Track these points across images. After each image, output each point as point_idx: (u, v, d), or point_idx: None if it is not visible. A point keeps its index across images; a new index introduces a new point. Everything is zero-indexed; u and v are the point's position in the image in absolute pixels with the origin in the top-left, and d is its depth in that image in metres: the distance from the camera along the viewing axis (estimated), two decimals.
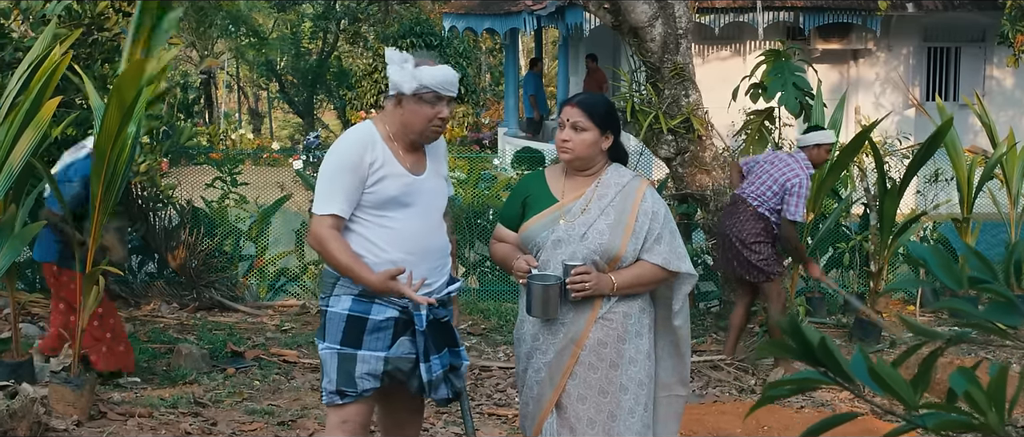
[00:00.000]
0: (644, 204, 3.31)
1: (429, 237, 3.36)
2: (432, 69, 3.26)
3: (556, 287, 3.25)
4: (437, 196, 3.44)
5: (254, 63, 28.74)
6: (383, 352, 3.30)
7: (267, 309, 7.82)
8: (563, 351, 3.32)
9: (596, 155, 3.36)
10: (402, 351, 3.33)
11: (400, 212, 3.31)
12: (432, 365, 3.35)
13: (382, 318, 3.28)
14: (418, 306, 3.26)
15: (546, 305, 3.25)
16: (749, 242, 5.98)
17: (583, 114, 3.31)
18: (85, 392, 4.88)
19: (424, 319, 3.29)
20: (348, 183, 3.25)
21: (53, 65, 4.72)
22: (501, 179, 11.83)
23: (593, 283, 3.23)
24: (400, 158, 3.32)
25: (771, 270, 6.01)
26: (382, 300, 3.27)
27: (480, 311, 7.69)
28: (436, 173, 3.44)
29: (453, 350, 3.46)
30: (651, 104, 7.10)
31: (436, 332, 3.37)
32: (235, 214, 8.70)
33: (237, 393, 5.62)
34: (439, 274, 3.40)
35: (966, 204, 7.56)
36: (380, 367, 3.30)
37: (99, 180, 4.79)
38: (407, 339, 3.33)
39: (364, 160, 3.26)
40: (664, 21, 6.99)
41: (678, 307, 3.40)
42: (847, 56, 16.04)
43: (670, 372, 3.48)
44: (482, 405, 5.57)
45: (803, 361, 1.52)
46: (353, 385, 3.28)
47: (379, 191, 3.27)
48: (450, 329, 3.45)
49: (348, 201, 3.26)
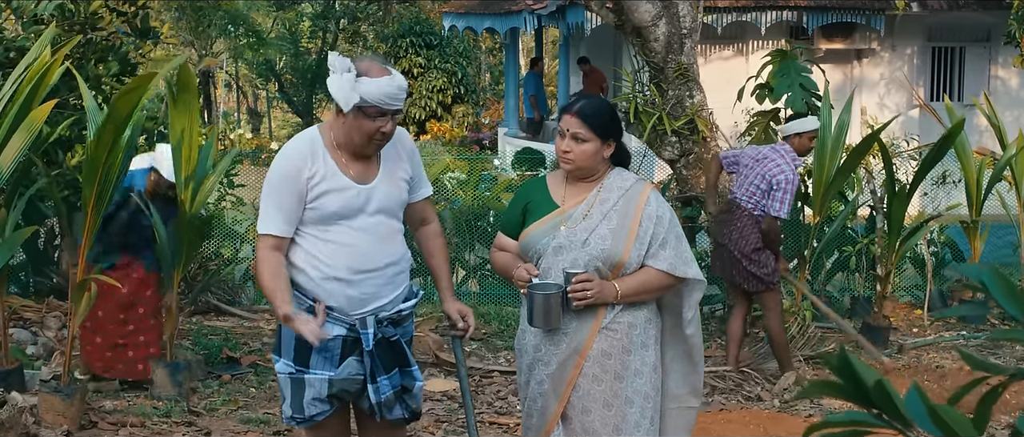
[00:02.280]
0: (648, 208, 3.19)
1: (375, 251, 3.14)
2: (374, 82, 2.99)
3: (557, 296, 3.12)
4: (388, 204, 3.18)
5: (253, 62, 28.60)
6: (329, 373, 3.14)
7: (264, 313, 7.69)
8: (566, 362, 3.20)
9: (598, 163, 3.24)
10: (349, 372, 3.15)
11: (344, 225, 3.11)
12: (380, 386, 3.16)
13: (329, 336, 3.08)
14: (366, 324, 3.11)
15: (548, 315, 3.14)
16: (748, 252, 5.81)
17: (583, 125, 3.17)
18: (75, 401, 4.76)
19: (371, 338, 3.13)
20: (286, 201, 3.08)
21: (44, 67, 4.61)
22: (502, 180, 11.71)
23: (595, 291, 3.11)
24: (344, 167, 3.11)
25: (770, 280, 5.85)
26: (329, 318, 3.10)
27: (481, 315, 7.56)
28: (390, 178, 3.19)
29: (405, 370, 3.24)
30: (655, 105, 6.97)
31: (385, 352, 3.18)
32: (232, 216, 8.57)
33: (232, 401, 5.50)
34: (389, 289, 3.19)
35: (975, 207, 7.44)
36: (325, 390, 3.14)
37: (92, 187, 4.69)
38: (354, 359, 3.15)
39: (302, 175, 3.07)
40: (668, 21, 6.86)
41: (690, 315, 3.27)
42: (851, 56, 15.91)
43: (680, 382, 3.35)
44: (483, 413, 5.45)
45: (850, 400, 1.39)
46: (302, 411, 3.15)
47: (320, 207, 3.09)
48: (401, 348, 3.23)
49: (287, 220, 3.09)
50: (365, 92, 2.98)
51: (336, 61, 3.00)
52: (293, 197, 3.07)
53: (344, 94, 2.97)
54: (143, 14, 7.54)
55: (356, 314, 3.13)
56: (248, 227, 8.62)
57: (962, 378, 6.23)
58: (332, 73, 3.00)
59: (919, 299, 8.29)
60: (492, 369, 6.23)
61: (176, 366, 5.44)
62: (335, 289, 3.11)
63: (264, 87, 31.11)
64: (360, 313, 3.14)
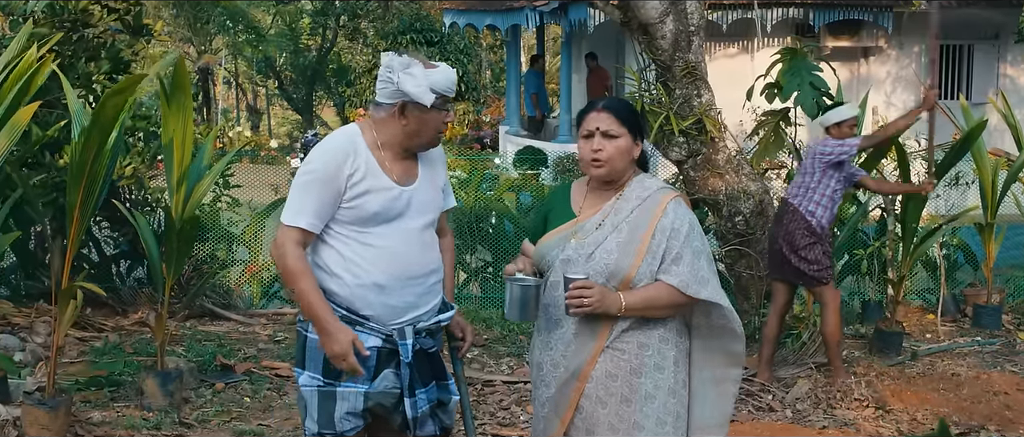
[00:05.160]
0: (664, 220, 2.94)
1: (416, 257, 3.00)
2: (440, 73, 2.94)
3: (535, 289, 2.94)
4: (428, 209, 3.07)
5: (252, 59, 28.43)
6: (364, 386, 2.97)
7: (260, 318, 7.50)
8: (565, 385, 2.99)
9: (628, 165, 3.01)
10: (385, 385, 2.99)
11: (383, 228, 2.96)
12: (417, 400, 3.01)
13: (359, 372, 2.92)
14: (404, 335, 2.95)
15: (524, 307, 2.94)
16: (798, 247, 5.79)
17: (614, 119, 2.96)
18: (60, 414, 4.57)
19: (410, 349, 2.96)
20: (323, 195, 2.91)
21: (29, 68, 4.43)
22: (503, 180, 11.52)
23: (595, 300, 2.86)
24: (387, 168, 2.97)
25: (823, 275, 5.80)
26: (362, 327, 2.94)
27: (482, 320, 7.36)
28: (430, 182, 3.08)
29: (441, 384, 3.10)
30: (661, 104, 6.77)
31: (423, 364, 3.02)
32: (228, 218, 8.38)
33: (226, 411, 5.31)
34: (428, 298, 3.04)
35: (990, 209, 7.25)
36: (360, 404, 2.97)
37: (77, 189, 4.50)
38: (391, 371, 2.99)
39: (343, 172, 2.91)
40: (675, 18, 6.66)
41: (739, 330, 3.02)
42: (857, 54, 15.71)
43: (708, 411, 3.06)
44: (485, 424, 5.25)
45: None
46: (332, 427, 2.97)
47: (360, 206, 2.93)
48: (438, 361, 3.10)
49: (319, 215, 2.92)
50: (434, 83, 2.92)
51: (396, 60, 2.92)
52: (331, 192, 2.91)
53: (422, 89, 2.90)
54: (136, 11, 7.35)
55: (394, 324, 2.97)
56: (245, 229, 8.44)
57: (979, 387, 6.04)
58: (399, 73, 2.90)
59: (931, 303, 8.09)
60: (494, 378, 6.03)
61: (167, 375, 5.25)
62: (373, 297, 2.95)
63: (264, 84, 30.93)
64: (398, 323, 2.98)
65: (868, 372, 6.12)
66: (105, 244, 7.66)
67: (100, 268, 7.48)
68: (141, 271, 7.66)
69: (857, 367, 6.19)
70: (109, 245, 7.66)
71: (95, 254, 7.60)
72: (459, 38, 23.73)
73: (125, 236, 7.41)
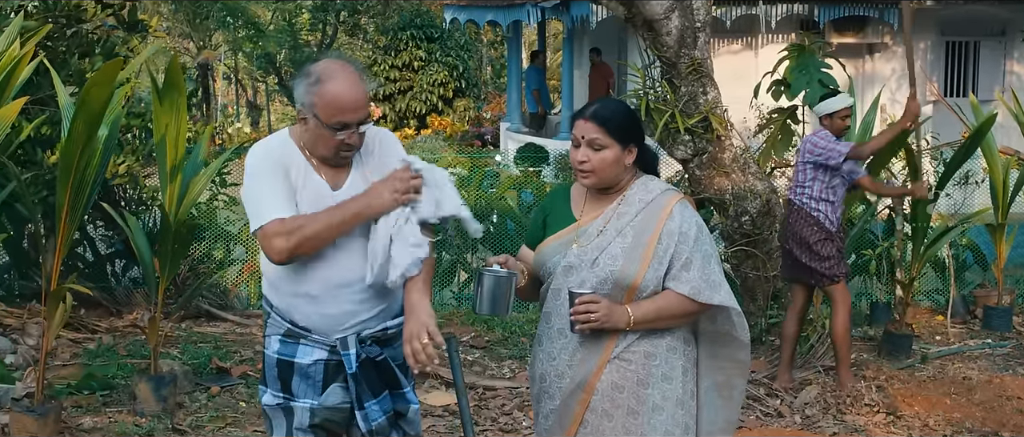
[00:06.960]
0: (670, 223, 2.81)
1: (346, 263, 2.77)
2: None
3: (508, 282, 2.77)
4: None
5: (252, 55, 28.27)
6: (312, 401, 2.82)
7: (257, 318, 7.37)
8: (570, 398, 2.85)
9: (620, 172, 2.86)
10: (334, 400, 2.83)
11: None
12: (369, 412, 2.82)
13: (309, 361, 2.79)
14: (346, 344, 2.78)
15: (495, 301, 2.78)
16: (809, 244, 5.69)
17: (599, 129, 2.80)
18: (49, 420, 4.44)
19: (354, 360, 2.79)
20: (275, 184, 2.72)
21: (13, 61, 4.29)
22: (505, 177, 11.37)
23: (602, 315, 2.73)
24: (317, 168, 2.79)
25: (835, 273, 5.69)
26: (307, 340, 2.79)
27: (483, 322, 7.23)
28: (363, 182, 2.81)
29: (395, 393, 2.89)
30: (666, 102, 6.63)
31: (371, 374, 2.83)
32: (224, 216, 8.24)
33: (220, 416, 5.18)
34: (370, 305, 2.82)
35: (1002, 208, 7.11)
36: (306, 420, 2.82)
37: (66, 186, 4.37)
38: (338, 386, 2.83)
39: (282, 165, 2.75)
40: (681, 14, 6.52)
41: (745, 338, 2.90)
42: (862, 50, 15.56)
43: (713, 418, 2.96)
44: (487, 431, 5.12)
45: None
46: None
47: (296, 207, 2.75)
48: (390, 368, 2.87)
49: (288, 201, 2.71)
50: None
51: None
52: (283, 181, 2.72)
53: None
54: (131, 6, 7.21)
55: (337, 335, 2.81)
56: (242, 227, 8.30)
57: (992, 391, 5.91)
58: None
59: (939, 304, 7.96)
60: (495, 384, 5.89)
61: (160, 379, 5.12)
62: (308, 307, 2.79)
63: (263, 80, 30.77)
64: (341, 333, 2.81)
65: (878, 375, 5.99)
66: (100, 243, 7.53)
67: (95, 267, 7.35)
68: (137, 271, 7.53)
69: (866, 370, 6.06)
70: (104, 244, 7.53)
71: (90, 253, 7.47)
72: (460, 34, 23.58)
73: (120, 235, 7.28)
